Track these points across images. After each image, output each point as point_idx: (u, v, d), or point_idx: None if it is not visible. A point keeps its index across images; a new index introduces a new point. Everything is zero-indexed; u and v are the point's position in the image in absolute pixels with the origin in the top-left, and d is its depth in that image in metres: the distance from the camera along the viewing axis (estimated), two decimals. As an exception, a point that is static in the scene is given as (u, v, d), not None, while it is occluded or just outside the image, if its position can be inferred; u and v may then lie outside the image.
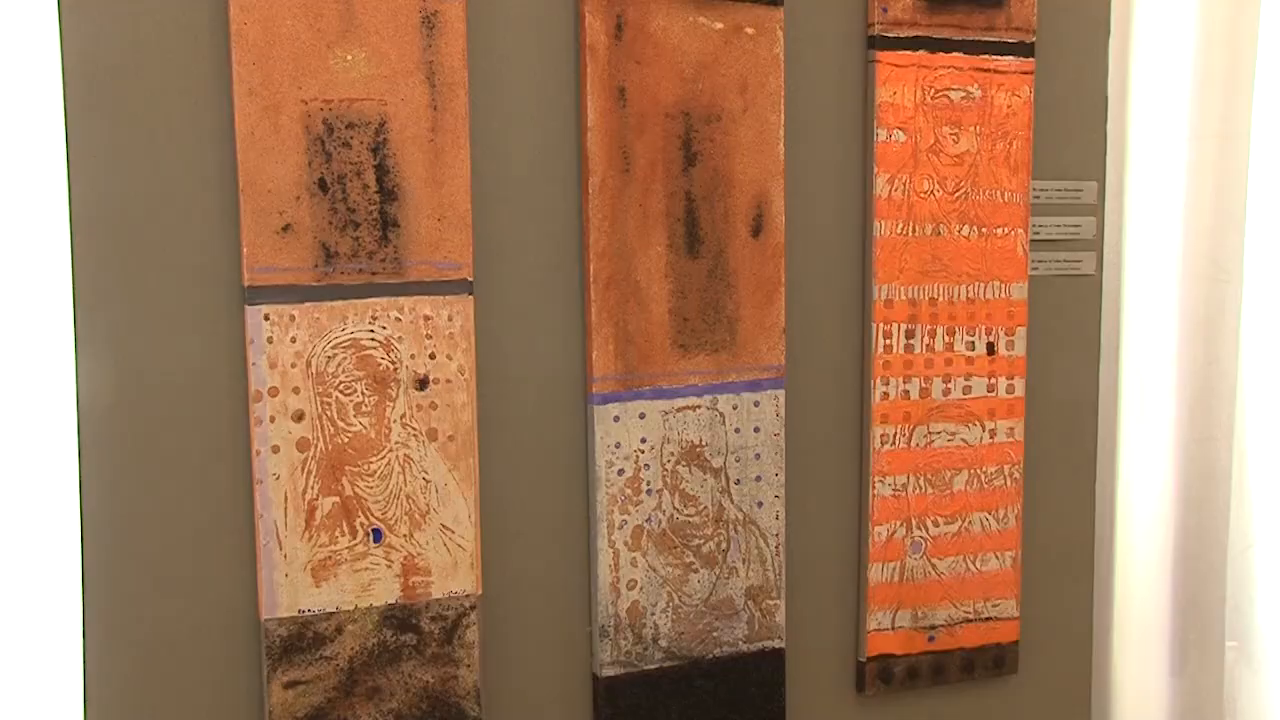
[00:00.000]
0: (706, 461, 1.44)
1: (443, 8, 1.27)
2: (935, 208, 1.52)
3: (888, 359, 1.52)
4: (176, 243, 1.23)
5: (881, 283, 1.51)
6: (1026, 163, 1.56)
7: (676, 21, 1.38)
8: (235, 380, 1.25)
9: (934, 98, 1.51)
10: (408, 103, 1.27)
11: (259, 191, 1.22)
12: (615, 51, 1.35)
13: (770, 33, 1.42)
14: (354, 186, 1.26)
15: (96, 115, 1.19)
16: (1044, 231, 1.60)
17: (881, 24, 1.48)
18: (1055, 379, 1.64)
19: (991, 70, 1.53)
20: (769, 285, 1.44)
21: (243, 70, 1.21)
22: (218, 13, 1.21)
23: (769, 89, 1.42)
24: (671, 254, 1.39)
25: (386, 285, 1.28)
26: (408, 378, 1.30)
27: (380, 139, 1.26)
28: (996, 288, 1.56)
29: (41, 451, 1.34)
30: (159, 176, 1.22)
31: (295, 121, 1.23)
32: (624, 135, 1.36)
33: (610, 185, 1.36)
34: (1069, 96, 1.61)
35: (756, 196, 1.43)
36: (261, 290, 1.23)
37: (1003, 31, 1.53)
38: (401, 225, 1.28)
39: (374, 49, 1.25)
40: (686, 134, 1.39)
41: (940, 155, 1.52)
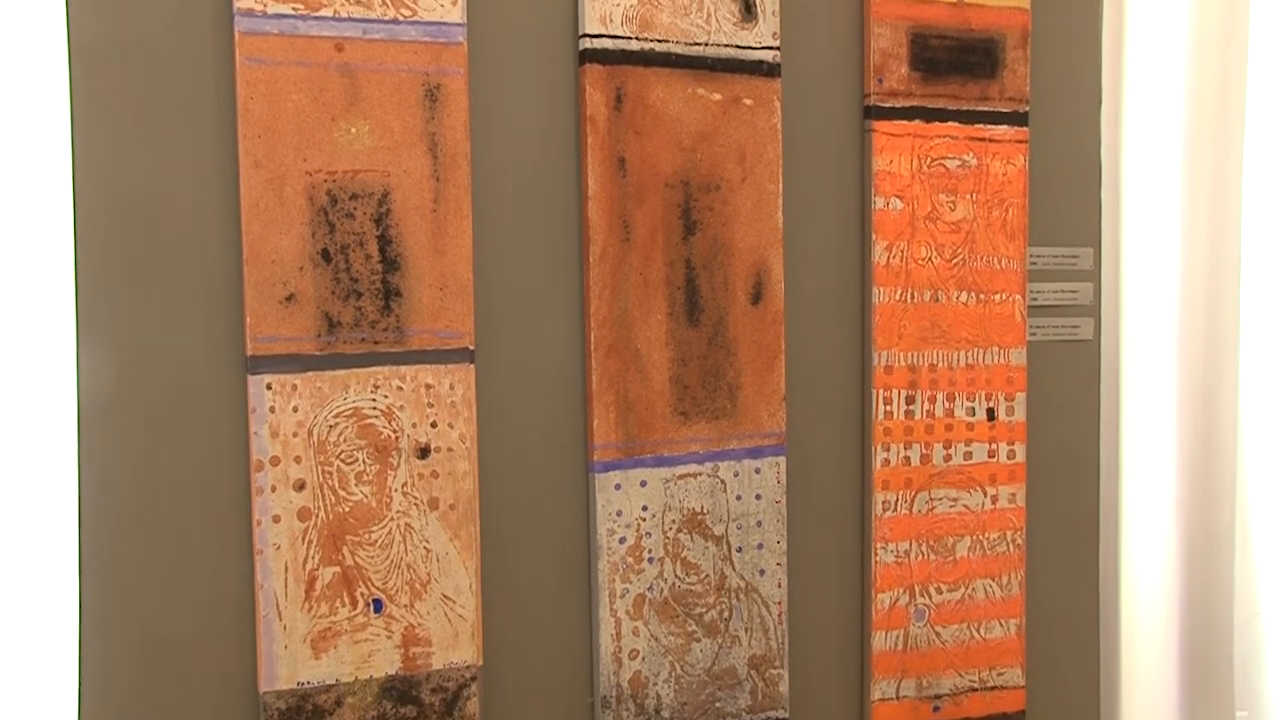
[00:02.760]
0: (708, 529, 1.44)
1: (445, 81, 1.29)
2: (933, 274, 1.53)
3: (888, 425, 1.52)
4: (180, 313, 1.23)
5: (881, 349, 1.51)
6: (1023, 229, 1.57)
7: (675, 93, 1.39)
8: (237, 450, 1.25)
9: (930, 166, 1.53)
10: (410, 174, 1.28)
11: (263, 262, 1.23)
12: (615, 122, 1.37)
13: (768, 103, 1.44)
14: (357, 256, 1.27)
15: (103, 193, 1.20)
16: (1042, 297, 1.61)
17: (878, 94, 1.50)
18: (1056, 444, 1.64)
19: (986, 139, 1.55)
20: (769, 352, 1.45)
21: (248, 143, 1.22)
22: (224, 88, 1.23)
23: (767, 158, 1.44)
24: (672, 322, 1.40)
25: (388, 354, 1.28)
26: (409, 446, 1.30)
27: (383, 209, 1.28)
28: (995, 353, 1.56)
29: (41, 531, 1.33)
30: (164, 249, 1.23)
31: (299, 193, 1.24)
32: (624, 204, 1.37)
33: (611, 254, 1.37)
34: (1063, 164, 1.63)
35: (756, 264, 1.44)
36: (264, 360, 1.24)
37: (997, 101, 1.55)
38: (404, 294, 1.29)
39: (378, 121, 1.27)
40: (686, 203, 1.40)
41: (937, 222, 1.53)
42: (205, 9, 1.23)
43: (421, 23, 1.28)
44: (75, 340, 1.20)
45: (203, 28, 1.23)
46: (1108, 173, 1.72)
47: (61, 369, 1.25)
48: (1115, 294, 1.85)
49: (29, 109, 1.27)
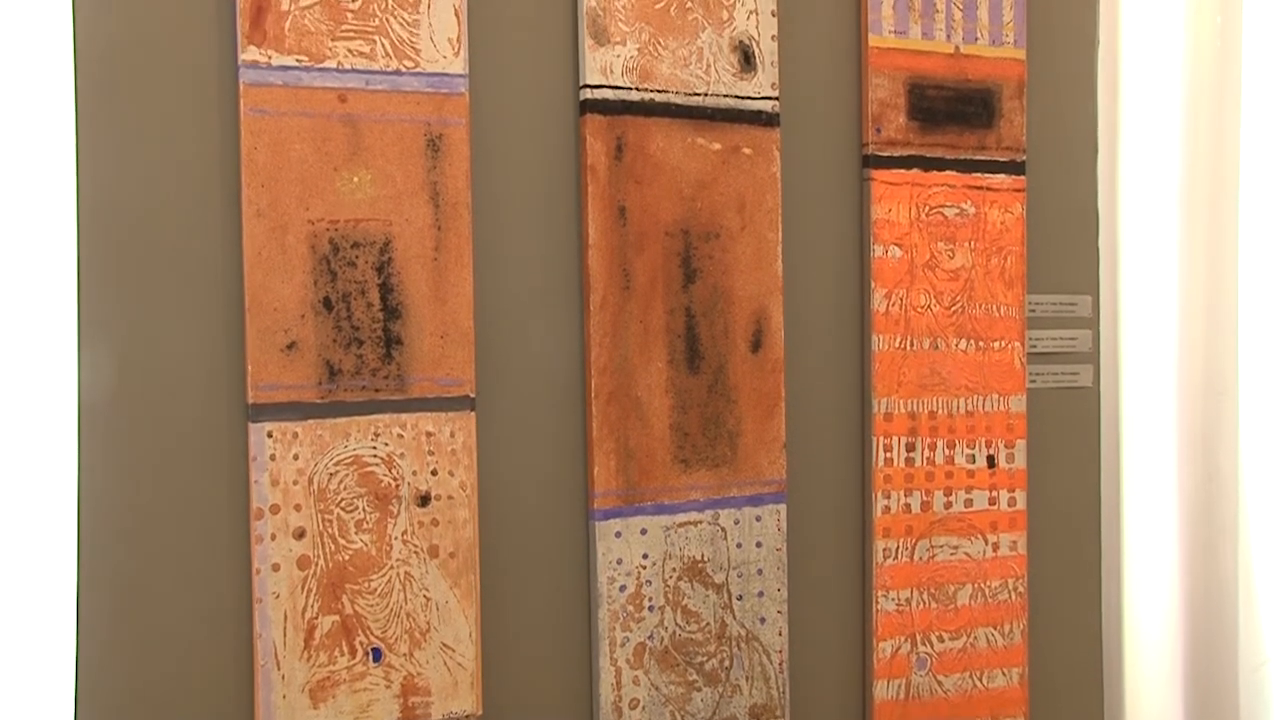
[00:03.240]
0: (709, 577, 1.43)
1: (447, 131, 1.31)
2: (932, 322, 1.54)
3: (888, 472, 1.52)
4: (181, 362, 1.24)
5: (881, 396, 1.51)
6: (1021, 277, 1.58)
7: (675, 142, 1.41)
8: (236, 497, 1.25)
9: (929, 214, 1.54)
10: (412, 222, 1.29)
11: (264, 310, 1.24)
12: (616, 171, 1.38)
13: (767, 152, 1.45)
14: (358, 305, 1.28)
15: (107, 243, 1.21)
16: (1041, 345, 1.62)
17: (876, 143, 1.52)
18: (1056, 491, 1.64)
19: (984, 188, 1.56)
20: (769, 400, 1.45)
21: (251, 193, 1.23)
22: (228, 138, 1.24)
23: (766, 207, 1.45)
24: (672, 369, 1.40)
25: (389, 402, 1.29)
26: (409, 494, 1.30)
27: (385, 258, 1.28)
28: (995, 400, 1.57)
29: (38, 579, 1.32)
30: (166, 296, 1.23)
31: (302, 241, 1.25)
32: (625, 253, 1.38)
33: (611, 302, 1.38)
34: (1060, 212, 1.64)
35: (756, 312, 1.44)
36: (265, 408, 1.24)
37: (994, 150, 1.56)
38: (405, 342, 1.29)
39: (380, 171, 1.28)
40: (686, 251, 1.41)
41: (936, 270, 1.54)
42: (210, 61, 1.24)
43: (424, 74, 1.30)
44: (77, 389, 1.21)
45: (207, 79, 1.24)
46: (1105, 220, 1.73)
47: (62, 421, 1.25)
48: (1114, 341, 1.86)
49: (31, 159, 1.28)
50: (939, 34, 1.54)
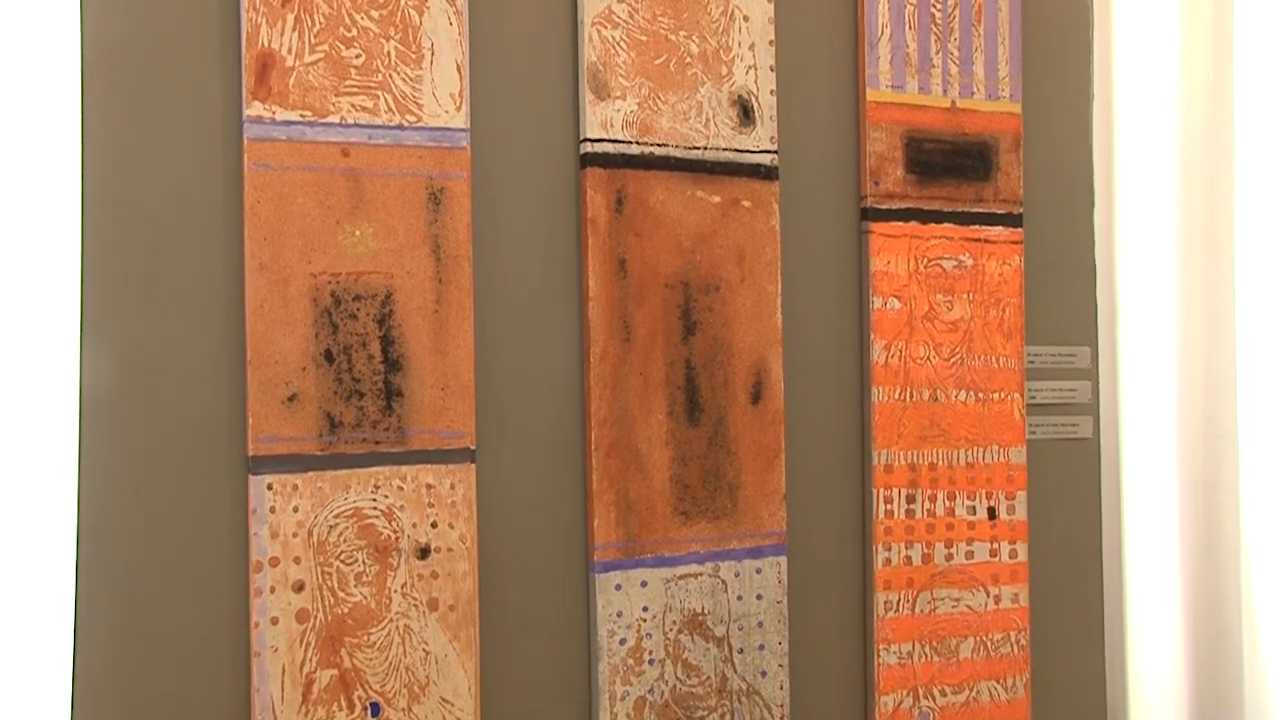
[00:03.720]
0: (709, 630, 1.43)
1: (448, 185, 1.32)
2: (932, 373, 1.54)
3: (889, 524, 1.52)
4: (182, 413, 1.24)
5: (881, 448, 1.51)
6: (1020, 329, 1.59)
7: (675, 195, 1.42)
8: (236, 550, 1.25)
9: (927, 266, 1.54)
10: (413, 275, 1.30)
11: (266, 363, 1.24)
12: (616, 224, 1.39)
13: (766, 205, 1.46)
14: (359, 357, 1.28)
15: (111, 296, 1.22)
16: (1040, 396, 1.62)
17: (874, 196, 1.53)
18: (1058, 543, 1.63)
19: (982, 240, 1.57)
20: (769, 452, 1.45)
21: (254, 246, 1.24)
22: (232, 191, 1.25)
23: (766, 259, 1.46)
24: (672, 421, 1.41)
25: (389, 454, 1.29)
26: (409, 547, 1.29)
27: (386, 310, 1.29)
28: (995, 452, 1.57)
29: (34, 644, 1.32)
30: (168, 350, 1.23)
31: (304, 294, 1.26)
32: (625, 305, 1.39)
33: (611, 354, 1.38)
34: (1058, 264, 1.65)
35: (755, 364, 1.45)
36: (265, 460, 1.24)
37: (991, 203, 1.58)
38: (405, 395, 1.29)
39: (382, 224, 1.29)
40: (686, 303, 1.42)
41: (935, 322, 1.55)
42: (215, 115, 1.26)
43: (426, 128, 1.31)
44: (78, 442, 1.21)
45: (212, 134, 1.25)
46: (1102, 272, 1.74)
47: (61, 477, 1.25)
48: (1113, 392, 1.86)
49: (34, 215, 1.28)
50: (936, 88, 1.56)
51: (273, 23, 1.26)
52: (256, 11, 1.25)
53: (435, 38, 1.32)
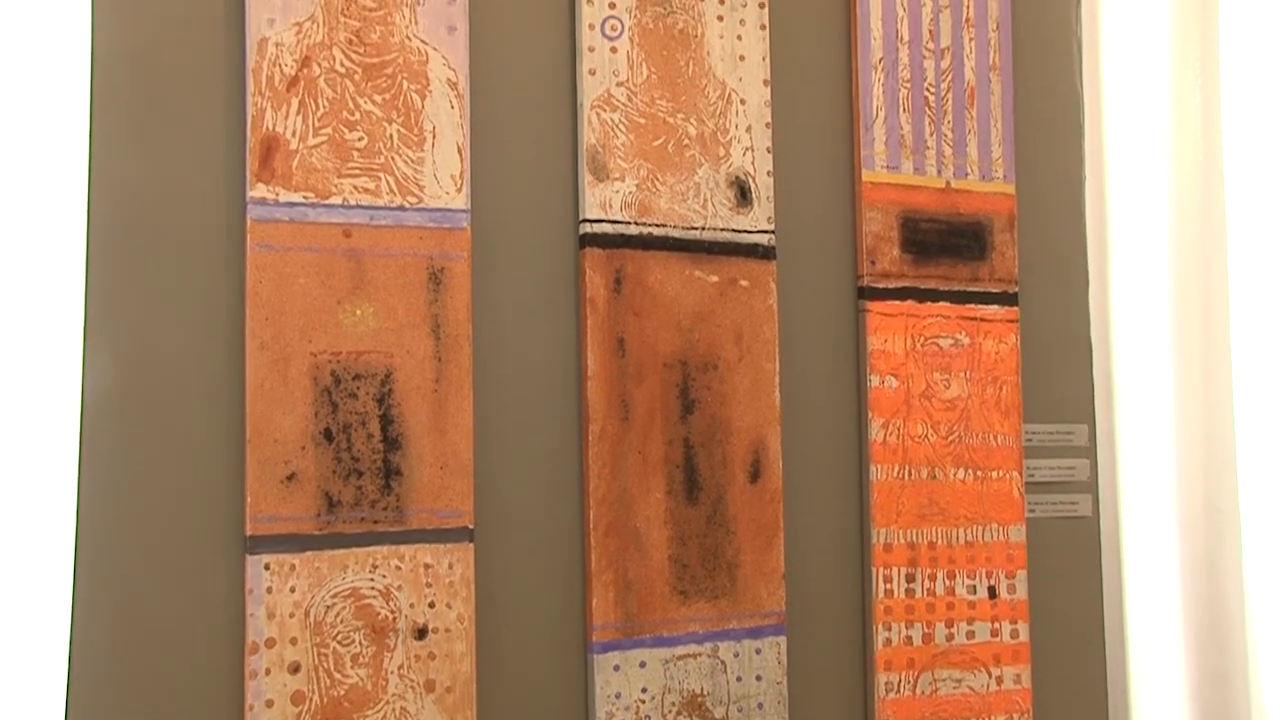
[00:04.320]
0: (708, 711, 1.41)
1: (449, 265, 1.33)
2: (930, 452, 1.54)
3: (889, 604, 1.51)
4: (180, 492, 1.24)
5: (880, 526, 1.51)
6: (1017, 407, 1.59)
7: (673, 275, 1.43)
8: (232, 631, 1.24)
9: (924, 345, 1.55)
10: (413, 354, 1.31)
11: (265, 442, 1.24)
12: (615, 304, 1.40)
13: (764, 285, 1.47)
14: (359, 436, 1.28)
15: (113, 374, 1.22)
16: (1039, 474, 1.62)
17: (870, 275, 1.54)
18: (1060, 623, 1.62)
19: (978, 319, 1.58)
20: (768, 530, 1.45)
21: (255, 325, 1.25)
22: (234, 271, 1.26)
23: (763, 338, 1.47)
24: (671, 500, 1.40)
25: (388, 534, 1.28)
26: (406, 627, 1.28)
27: (386, 389, 1.29)
28: (995, 530, 1.56)
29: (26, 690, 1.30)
30: (167, 429, 1.24)
31: (304, 374, 1.26)
32: (623, 384, 1.39)
33: (610, 433, 1.38)
34: (1054, 342, 1.66)
35: (754, 443, 1.45)
36: (263, 540, 1.24)
37: (987, 282, 1.59)
38: (404, 474, 1.29)
39: (382, 304, 1.30)
40: (684, 382, 1.42)
41: (933, 400, 1.55)
42: (219, 197, 1.27)
43: (427, 209, 1.33)
44: (75, 523, 1.20)
45: (215, 215, 1.27)
46: (1099, 350, 1.75)
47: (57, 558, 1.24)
48: (1112, 470, 1.86)
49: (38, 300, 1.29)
50: (930, 169, 1.58)
51: (277, 107, 1.28)
52: (262, 96, 1.27)
53: (437, 120, 1.34)
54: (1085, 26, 1.75)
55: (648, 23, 1.45)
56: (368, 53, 1.32)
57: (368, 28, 1.32)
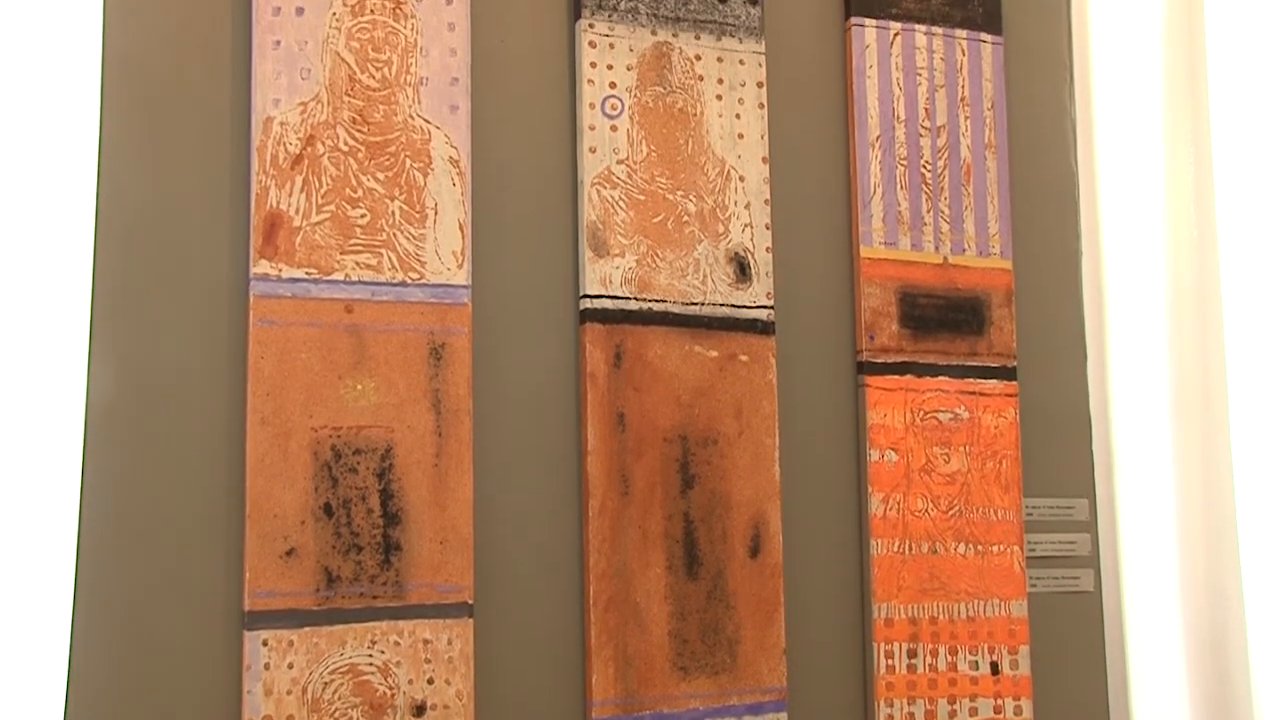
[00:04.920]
0: (709, 790, 1.40)
1: (450, 340, 1.34)
2: (930, 526, 1.54)
3: (890, 680, 1.50)
4: (178, 567, 1.24)
5: (881, 601, 1.50)
6: (1017, 481, 1.59)
7: (673, 350, 1.44)
8: (229, 707, 1.23)
9: (923, 419, 1.56)
10: (414, 429, 1.31)
11: (265, 516, 1.25)
12: (614, 379, 1.41)
13: (763, 359, 1.48)
14: (359, 511, 1.28)
15: (112, 451, 1.23)
16: (1040, 548, 1.62)
17: (869, 350, 1.55)
18: (1063, 699, 1.61)
19: (977, 393, 1.59)
20: (768, 606, 1.44)
21: (257, 401, 1.26)
22: (237, 346, 1.27)
23: (763, 413, 1.47)
24: (671, 575, 1.40)
25: (387, 609, 1.28)
26: (405, 704, 1.27)
27: (386, 464, 1.30)
28: (996, 605, 1.56)
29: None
30: (166, 502, 1.24)
31: (304, 448, 1.27)
32: (623, 459, 1.40)
33: (610, 508, 1.38)
34: (1053, 417, 1.66)
35: (754, 517, 1.45)
36: (261, 615, 1.23)
37: (985, 356, 1.60)
38: (404, 549, 1.29)
39: (383, 379, 1.31)
40: (684, 457, 1.43)
41: (932, 474, 1.55)
42: (222, 273, 1.29)
43: (428, 285, 1.34)
44: (73, 598, 1.20)
45: (219, 291, 1.28)
46: (1098, 424, 1.75)
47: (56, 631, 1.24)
48: (1114, 544, 1.85)
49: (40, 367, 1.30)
50: (928, 245, 1.59)
51: (281, 184, 1.29)
52: (266, 174, 1.29)
53: (439, 197, 1.35)
54: (1079, 106, 1.78)
55: (648, 101, 1.47)
56: (371, 131, 1.34)
57: (371, 107, 1.34)
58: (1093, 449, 1.69)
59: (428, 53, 1.37)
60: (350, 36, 1.34)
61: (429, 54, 1.37)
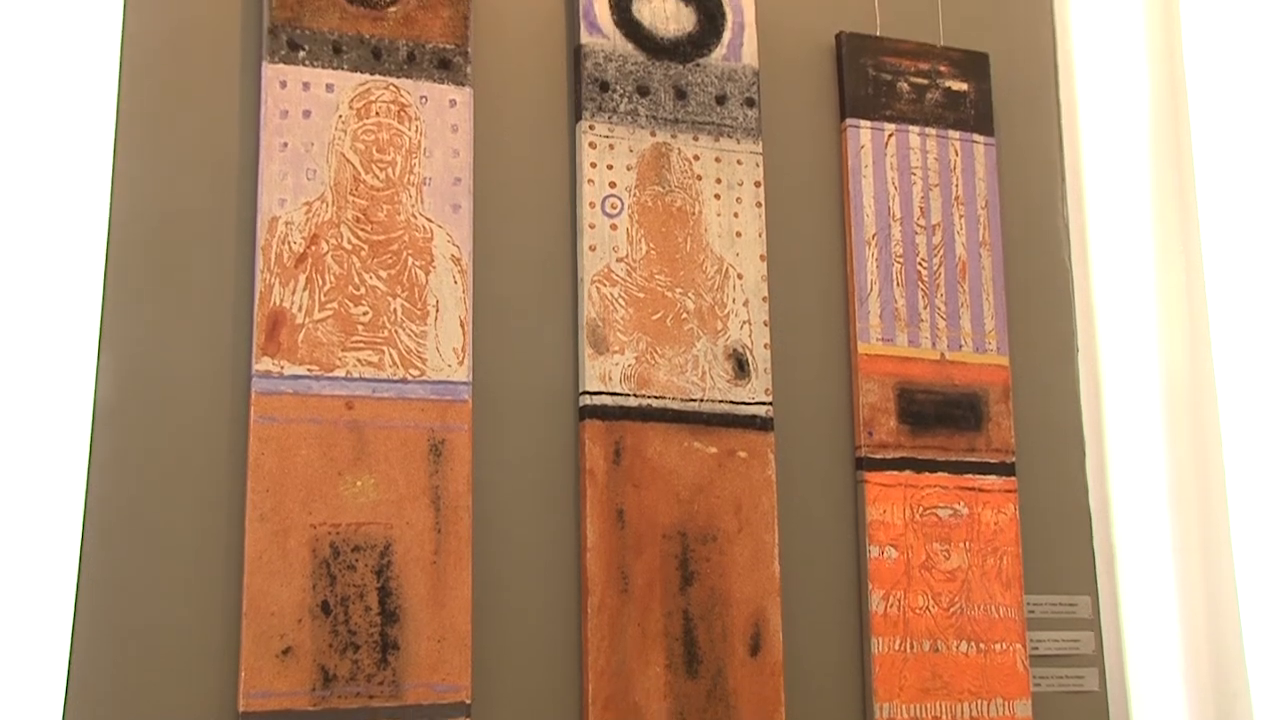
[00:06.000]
0: None
1: (450, 436, 1.34)
2: (931, 623, 1.53)
3: (894, 782, 1.47)
4: (173, 666, 1.22)
5: (882, 701, 1.49)
6: (1018, 577, 1.58)
7: (672, 446, 1.44)
8: (222, 811, 1.21)
9: (923, 515, 1.55)
10: (413, 526, 1.31)
11: (262, 614, 1.24)
12: (614, 475, 1.41)
13: (762, 456, 1.48)
14: (356, 609, 1.27)
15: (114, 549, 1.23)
16: (1043, 647, 1.60)
17: (868, 446, 1.55)
18: (1069, 802, 1.58)
19: (976, 489, 1.58)
20: (769, 705, 1.42)
21: (256, 497, 1.26)
22: (237, 442, 1.28)
23: (762, 509, 1.47)
24: (670, 674, 1.39)
25: (384, 709, 1.26)
26: (400, 807, 1.25)
27: (385, 561, 1.29)
28: (1000, 705, 1.54)
29: None
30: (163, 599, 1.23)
31: (303, 545, 1.26)
32: (623, 555, 1.39)
33: (609, 605, 1.38)
34: (1053, 513, 1.66)
35: (754, 615, 1.44)
36: (256, 716, 1.22)
37: (984, 452, 1.60)
38: (401, 647, 1.28)
39: (383, 475, 1.31)
40: (684, 554, 1.42)
41: (933, 571, 1.54)
42: (224, 369, 1.29)
43: (429, 381, 1.35)
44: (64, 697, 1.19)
45: (221, 387, 1.29)
46: (1098, 520, 1.75)
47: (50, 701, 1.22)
48: (1117, 644, 1.84)
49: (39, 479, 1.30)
50: (925, 341, 1.61)
51: (285, 282, 1.31)
52: (270, 272, 1.31)
53: (440, 295, 1.37)
54: (1071, 204, 1.80)
55: (647, 200, 1.50)
56: (374, 230, 1.36)
57: (375, 206, 1.36)
58: (1094, 544, 1.68)
59: (431, 153, 1.40)
60: (356, 138, 1.37)
61: (432, 155, 1.40)
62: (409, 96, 1.40)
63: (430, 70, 1.41)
